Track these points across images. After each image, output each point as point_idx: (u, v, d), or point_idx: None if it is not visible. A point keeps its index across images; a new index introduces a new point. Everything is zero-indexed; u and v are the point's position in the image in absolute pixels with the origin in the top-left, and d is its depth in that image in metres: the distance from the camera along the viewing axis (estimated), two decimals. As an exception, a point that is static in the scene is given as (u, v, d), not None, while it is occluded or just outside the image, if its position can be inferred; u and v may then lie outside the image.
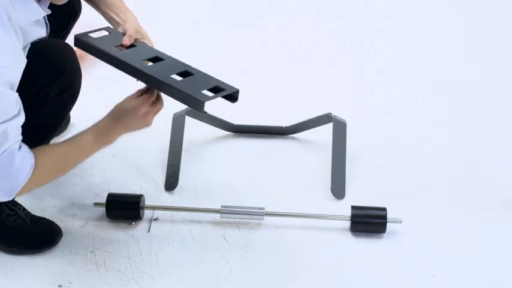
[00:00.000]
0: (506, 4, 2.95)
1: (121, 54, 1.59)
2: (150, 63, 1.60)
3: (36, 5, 1.41)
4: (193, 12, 2.94)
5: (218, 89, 1.55)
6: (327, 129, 2.00)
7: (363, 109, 2.25)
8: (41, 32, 1.50)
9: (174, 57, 1.63)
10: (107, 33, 1.69)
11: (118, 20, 1.67)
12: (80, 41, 1.63)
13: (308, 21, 2.82)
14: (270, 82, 2.41)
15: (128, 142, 2.04)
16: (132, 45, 1.63)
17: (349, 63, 2.55)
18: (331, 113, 2.00)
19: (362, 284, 1.62)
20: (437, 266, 1.66)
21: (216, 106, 2.09)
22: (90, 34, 1.66)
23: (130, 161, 1.99)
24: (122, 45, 1.62)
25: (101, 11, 1.71)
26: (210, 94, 1.51)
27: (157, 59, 1.61)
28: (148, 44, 1.66)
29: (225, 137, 2.12)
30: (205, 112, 1.49)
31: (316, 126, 2.06)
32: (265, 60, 2.55)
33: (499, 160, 2.03)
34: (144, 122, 1.56)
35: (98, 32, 1.68)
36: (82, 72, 1.63)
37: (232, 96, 1.56)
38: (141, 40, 1.65)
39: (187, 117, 2.02)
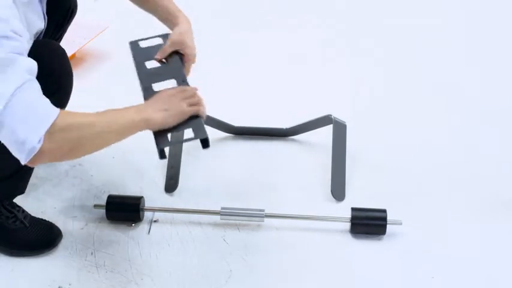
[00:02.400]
0: (506, 4, 2.94)
1: (143, 71, 1.61)
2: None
3: None
4: (194, 15, 2.94)
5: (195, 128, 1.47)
6: (327, 130, 2.00)
7: (363, 111, 2.25)
8: (40, 24, 1.48)
9: (188, 85, 1.59)
10: (160, 41, 1.69)
11: (169, 24, 1.67)
12: (130, 47, 1.67)
13: (308, 23, 2.82)
14: (269, 84, 2.41)
15: (128, 144, 2.05)
16: (167, 60, 1.64)
17: (349, 64, 2.55)
18: (331, 115, 2.00)
19: (362, 286, 1.62)
20: (437, 268, 1.66)
21: (216, 108, 2.11)
22: (141, 42, 1.69)
23: (131, 163, 1.99)
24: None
25: (151, 10, 1.69)
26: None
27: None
28: (189, 52, 1.64)
29: (225, 138, 2.12)
30: (164, 157, 1.43)
31: (316, 128, 2.06)
32: (265, 62, 2.54)
33: (499, 161, 2.03)
34: (172, 102, 1.45)
35: (151, 40, 1.69)
36: (82, 74, 1.63)
37: (201, 140, 1.45)
38: (181, 51, 1.64)
39: (187, 119, 2.02)
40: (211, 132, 2.09)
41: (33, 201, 1.78)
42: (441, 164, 2.02)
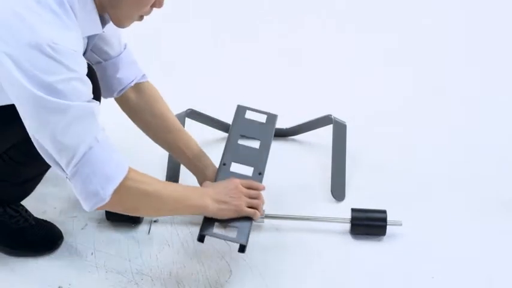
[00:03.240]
0: (506, 4, 2.94)
1: (232, 143, 1.73)
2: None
3: (98, 20, 1.37)
4: (194, 15, 2.94)
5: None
6: (327, 130, 2.00)
7: (363, 111, 2.25)
8: None
9: (261, 179, 1.68)
10: (263, 119, 1.80)
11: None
12: (236, 112, 1.81)
13: (308, 23, 2.82)
14: (269, 83, 2.41)
15: (127, 143, 2.05)
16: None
17: (349, 64, 2.55)
18: (331, 115, 2.00)
19: (362, 286, 1.62)
20: (437, 268, 1.66)
21: (216, 107, 2.11)
22: (248, 111, 1.81)
23: (131, 163, 1.97)
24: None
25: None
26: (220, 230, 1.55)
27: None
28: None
29: (225, 138, 2.11)
30: (202, 241, 1.52)
31: (316, 128, 2.06)
32: (265, 61, 2.55)
33: (499, 161, 2.03)
34: (234, 197, 1.54)
35: (258, 114, 1.81)
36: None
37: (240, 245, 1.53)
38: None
39: (187, 119, 2.02)
40: (212, 132, 2.10)
41: (34, 202, 1.77)
42: (441, 164, 2.02)
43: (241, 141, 1.76)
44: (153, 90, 1.75)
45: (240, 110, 1.83)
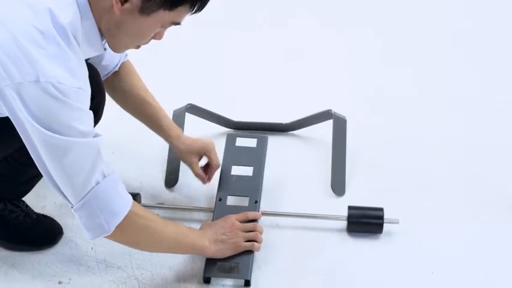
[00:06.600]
0: (503, 4, 2.92)
1: (225, 177, 1.77)
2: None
3: (100, 43, 1.36)
4: (195, 15, 2.93)
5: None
6: (327, 125, 2.00)
7: (363, 106, 2.25)
8: None
9: (259, 208, 1.71)
10: (254, 144, 1.84)
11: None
12: (226, 141, 1.87)
13: (308, 18, 2.81)
14: (269, 78, 2.41)
15: (127, 138, 2.05)
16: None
17: (350, 59, 2.54)
18: (331, 110, 2.00)
19: (358, 284, 1.63)
20: (435, 266, 1.66)
21: (215, 102, 2.11)
22: (238, 138, 1.85)
23: (130, 158, 1.98)
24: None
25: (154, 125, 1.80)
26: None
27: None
28: (214, 158, 1.78)
29: (225, 133, 2.11)
30: (208, 283, 1.58)
31: (316, 123, 2.06)
32: (265, 56, 2.54)
33: (499, 161, 2.02)
34: (231, 234, 1.58)
35: (247, 139, 1.86)
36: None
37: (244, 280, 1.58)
38: (207, 156, 1.79)
39: (187, 114, 2.02)
40: (211, 127, 2.09)
41: (34, 196, 1.78)
42: (441, 158, 2.01)
43: (234, 170, 1.79)
44: (130, 67, 1.75)
45: (230, 138, 1.87)
